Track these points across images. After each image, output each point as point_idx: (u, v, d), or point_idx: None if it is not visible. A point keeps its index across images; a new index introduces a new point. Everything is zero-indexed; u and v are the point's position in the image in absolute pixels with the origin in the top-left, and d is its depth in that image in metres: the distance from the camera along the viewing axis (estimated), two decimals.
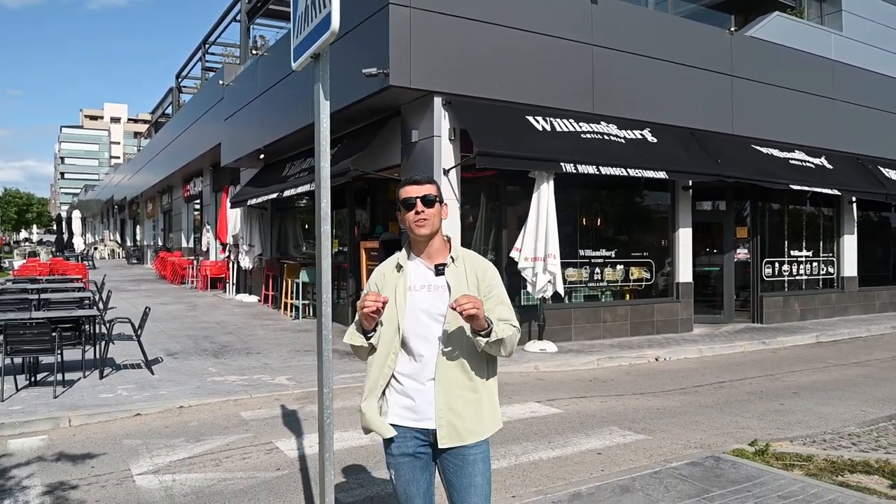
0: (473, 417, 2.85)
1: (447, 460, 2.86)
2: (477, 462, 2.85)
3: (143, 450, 6.06)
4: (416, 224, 2.88)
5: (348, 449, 5.99)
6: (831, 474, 5.13)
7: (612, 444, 6.11)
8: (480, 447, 2.86)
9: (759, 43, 14.65)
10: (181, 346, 11.36)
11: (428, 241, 2.92)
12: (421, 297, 2.88)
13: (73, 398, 7.70)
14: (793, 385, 9.04)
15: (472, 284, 2.88)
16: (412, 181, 2.94)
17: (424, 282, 2.90)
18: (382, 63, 10.12)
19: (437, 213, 2.92)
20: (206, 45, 24.90)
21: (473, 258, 2.99)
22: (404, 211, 2.92)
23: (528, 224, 10.68)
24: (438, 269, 2.90)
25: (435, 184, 2.98)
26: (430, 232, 2.89)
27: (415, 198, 2.88)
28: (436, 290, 2.89)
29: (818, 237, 16.47)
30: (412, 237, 2.94)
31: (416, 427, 2.85)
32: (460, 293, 2.78)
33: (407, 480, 2.89)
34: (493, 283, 2.93)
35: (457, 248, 2.98)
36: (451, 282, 2.87)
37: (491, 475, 2.92)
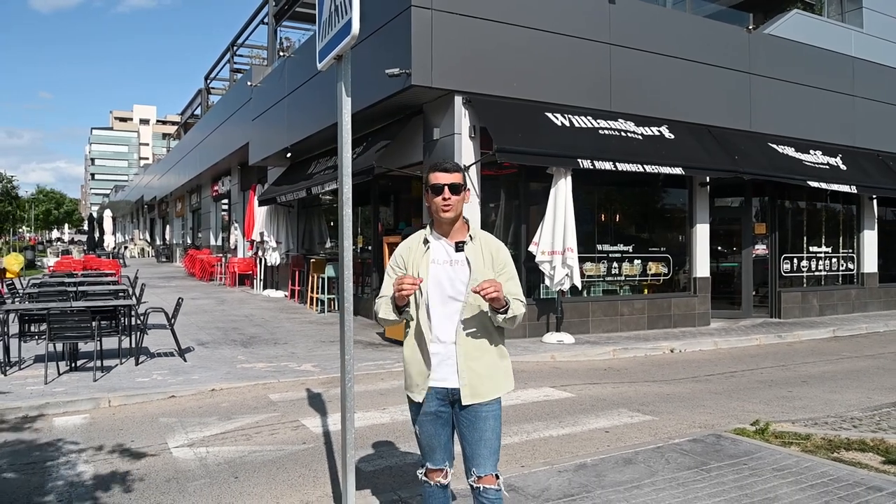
0: (490, 377, 3.19)
1: (462, 416, 3.20)
2: (488, 419, 3.19)
3: (179, 427, 6.48)
4: (442, 209, 3.21)
5: (369, 426, 6.36)
6: (827, 451, 5.39)
7: (620, 424, 6.42)
8: (493, 405, 3.19)
9: (777, 40, 14.80)
10: (211, 336, 11.82)
11: (451, 223, 3.26)
12: (443, 270, 3.22)
13: (112, 382, 8.15)
14: (803, 375, 9.26)
15: (488, 261, 3.24)
16: (442, 168, 3.25)
17: (446, 257, 3.24)
18: (405, 63, 10.49)
19: (462, 200, 3.26)
20: (234, 47, 25.49)
21: (489, 239, 3.34)
22: (431, 195, 3.24)
23: (546, 219, 10.99)
24: (458, 246, 3.23)
25: (462, 172, 3.31)
26: (454, 216, 3.23)
27: (443, 185, 3.20)
28: (456, 264, 3.23)
29: (837, 233, 16.57)
30: (436, 218, 3.28)
31: (437, 387, 3.19)
32: (478, 268, 3.19)
33: (429, 435, 3.24)
34: (506, 261, 3.29)
35: (475, 229, 3.34)
36: (470, 258, 3.22)
37: (500, 432, 3.25)
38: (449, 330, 3.20)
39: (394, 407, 7.05)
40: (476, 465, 3.17)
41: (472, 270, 3.20)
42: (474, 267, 3.19)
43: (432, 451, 3.27)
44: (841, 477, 4.77)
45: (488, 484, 3.15)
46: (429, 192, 3.27)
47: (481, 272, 3.19)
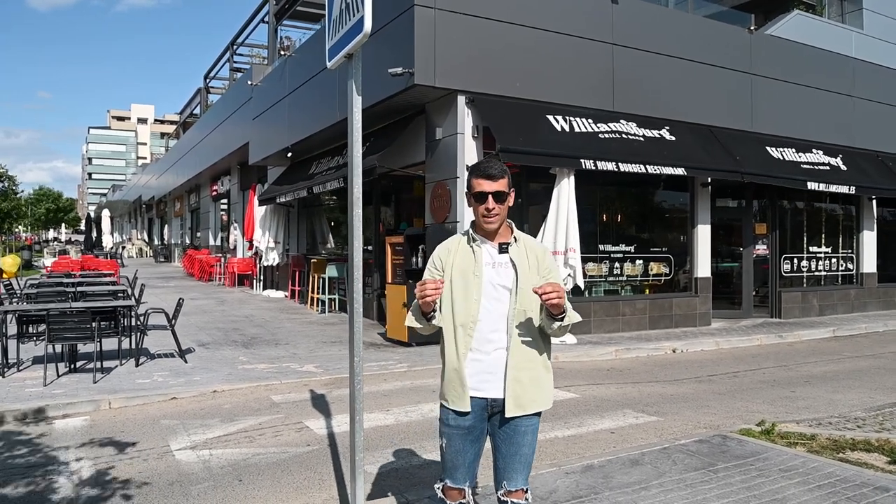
0: (536, 388, 3.01)
1: (500, 429, 3.04)
2: (527, 433, 3.03)
3: (181, 429, 6.44)
4: (485, 219, 3.00)
5: (373, 428, 6.33)
6: (833, 451, 5.37)
7: (625, 425, 6.41)
8: (533, 420, 3.03)
9: (778, 41, 14.79)
10: (211, 337, 11.79)
11: (496, 231, 3.07)
12: (486, 273, 3.03)
13: (112, 383, 8.11)
14: (805, 375, 9.25)
15: (533, 265, 3.04)
16: (486, 174, 3.00)
17: (489, 259, 3.04)
18: (408, 63, 10.46)
19: (507, 207, 3.04)
20: (233, 46, 25.46)
21: (533, 242, 3.17)
22: (474, 202, 3.03)
23: (549, 219, 10.97)
24: (502, 248, 3.06)
25: (507, 176, 3.05)
26: (498, 226, 3.04)
27: (487, 193, 2.98)
28: (499, 266, 3.03)
29: (837, 233, 16.57)
30: (479, 224, 3.09)
31: (478, 397, 3.00)
32: (524, 271, 3.02)
33: (456, 451, 3.05)
34: (551, 267, 3.10)
35: (517, 232, 3.17)
36: (515, 260, 3.06)
37: (535, 448, 3.11)
38: (495, 337, 3.02)
39: (398, 408, 7.01)
40: (508, 479, 3.05)
41: (518, 273, 3.03)
42: (520, 270, 3.03)
43: (455, 468, 3.09)
44: (848, 477, 4.76)
45: (517, 499, 3.03)
46: (471, 198, 3.08)
47: (527, 276, 3.03)
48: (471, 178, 3.07)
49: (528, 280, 2.99)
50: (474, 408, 3.02)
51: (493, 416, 3.06)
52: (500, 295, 3.02)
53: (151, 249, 47.19)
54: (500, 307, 3.01)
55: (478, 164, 3.12)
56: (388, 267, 11.93)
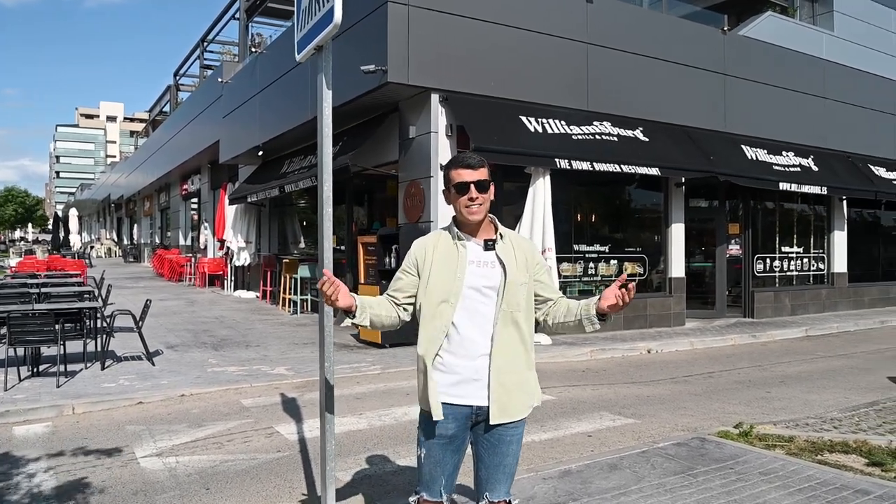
0: (522, 393, 2.87)
1: (484, 437, 2.88)
2: (512, 443, 2.88)
3: (147, 435, 6.23)
4: (468, 210, 2.85)
5: (346, 433, 6.17)
6: (811, 454, 5.33)
7: (603, 428, 6.32)
8: (518, 428, 2.89)
9: (751, 42, 14.86)
10: (180, 339, 11.53)
11: (480, 224, 2.92)
12: (471, 272, 2.87)
13: (76, 388, 7.86)
14: (780, 375, 9.25)
15: (522, 262, 2.90)
16: (465, 164, 2.89)
17: (474, 257, 2.89)
18: (380, 60, 10.31)
19: (489, 197, 2.90)
20: (204, 42, 25.06)
21: (520, 238, 3.03)
22: (455, 195, 2.88)
23: (524, 219, 10.88)
24: (488, 245, 2.91)
25: (487, 166, 2.92)
26: (482, 217, 2.88)
27: (468, 182, 2.85)
28: (485, 265, 2.87)
29: (809, 234, 16.71)
30: (462, 220, 2.94)
31: (461, 404, 2.84)
32: (513, 270, 2.87)
33: (435, 462, 2.89)
34: (541, 262, 2.99)
35: (502, 227, 3.01)
36: (502, 258, 2.90)
37: (519, 458, 2.98)
38: (479, 341, 2.85)
39: (371, 412, 6.86)
40: (490, 490, 2.92)
41: (506, 272, 2.88)
42: (508, 268, 2.87)
43: (433, 480, 2.92)
44: (827, 480, 4.70)
45: None
46: (451, 191, 2.92)
47: (515, 275, 2.88)
48: (449, 171, 2.94)
49: (516, 279, 2.86)
50: (458, 416, 2.85)
51: (476, 424, 2.89)
52: (485, 296, 2.86)
53: (121, 249, 46.43)
54: (485, 309, 2.85)
55: (455, 157, 2.99)
56: (360, 267, 11.76)
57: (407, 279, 2.99)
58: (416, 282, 2.98)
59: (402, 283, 3.00)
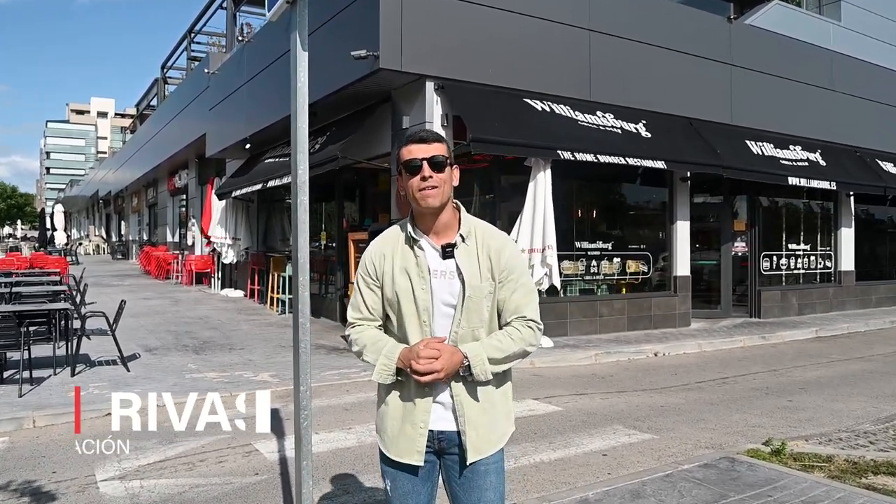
0: (489, 425, 2.44)
1: (455, 472, 2.44)
2: (489, 474, 2.43)
3: (112, 453, 5.60)
4: (422, 193, 2.35)
5: (333, 451, 5.57)
6: (854, 476, 4.75)
7: (618, 445, 5.71)
8: (494, 457, 2.45)
9: (757, 31, 14.30)
10: (161, 341, 10.89)
11: (437, 214, 2.41)
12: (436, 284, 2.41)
13: (41, 397, 7.23)
14: (798, 381, 8.69)
15: (486, 268, 2.40)
16: (417, 138, 2.41)
17: (434, 265, 2.42)
18: (372, 45, 9.69)
19: (449, 179, 2.41)
20: (191, 34, 24.35)
21: (488, 233, 2.48)
22: (407, 176, 2.40)
23: (525, 214, 10.26)
24: (446, 252, 2.41)
25: (445, 142, 2.44)
26: (440, 203, 2.38)
27: (420, 160, 2.36)
28: (443, 276, 2.40)
29: (816, 231, 16.16)
30: (417, 210, 2.43)
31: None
32: (473, 281, 2.37)
33: (405, 493, 2.46)
34: (510, 265, 2.43)
35: (468, 220, 2.48)
36: (462, 266, 2.39)
37: (504, 490, 2.50)
38: None
39: (360, 426, 6.25)
40: None
41: (465, 285, 2.36)
42: (468, 279, 2.36)
43: None
44: None
45: None
46: (402, 172, 2.41)
47: (477, 287, 2.37)
48: (400, 150, 2.43)
49: (478, 292, 2.37)
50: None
51: (443, 452, 2.44)
52: (443, 315, 2.41)
53: (109, 246, 45.62)
54: (442, 329, 2.41)
55: (406, 134, 2.47)
56: (351, 265, 11.16)
57: (374, 294, 2.51)
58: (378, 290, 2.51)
59: (372, 298, 2.52)
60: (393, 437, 2.47)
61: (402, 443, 2.44)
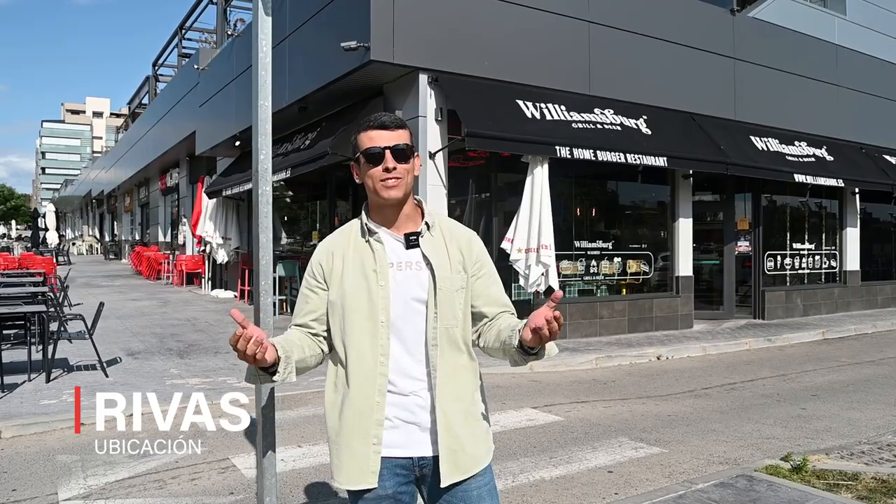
0: (476, 440, 2.14)
1: (439, 501, 2.10)
2: (483, 498, 2.11)
3: (78, 468, 5.20)
4: (383, 185, 2.11)
5: (316, 467, 5.14)
6: (885, 496, 4.35)
7: (624, 460, 5.29)
8: (485, 477, 2.14)
9: (762, 24, 13.92)
10: (145, 345, 10.47)
11: (398, 206, 2.15)
12: (393, 279, 2.13)
13: (11, 405, 6.81)
14: (809, 386, 8.29)
15: (456, 260, 2.17)
16: (378, 124, 2.14)
17: (394, 257, 2.14)
18: (363, 37, 9.28)
19: (412, 169, 2.16)
20: (182, 30, 23.89)
21: (453, 227, 2.25)
22: (366, 165, 2.13)
23: (521, 212, 9.85)
24: (410, 241, 2.15)
25: (408, 128, 2.20)
26: (402, 195, 2.14)
27: (382, 148, 2.10)
28: (408, 267, 2.13)
29: (820, 230, 15.78)
30: (376, 201, 2.17)
31: (397, 457, 2.10)
32: (444, 273, 2.10)
33: None
34: (482, 259, 2.25)
35: (430, 212, 2.23)
36: (429, 255, 2.12)
37: None
38: (413, 371, 2.11)
39: None
40: None
41: (435, 278, 2.09)
42: (438, 271, 2.09)
43: None
44: None
45: None
46: (361, 161, 2.13)
47: (448, 278, 2.10)
48: (357, 136, 2.18)
49: (449, 284, 2.13)
50: (396, 470, 2.09)
51: (423, 479, 2.13)
52: (414, 312, 2.12)
53: (102, 246, 45.10)
54: (414, 329, 2.12)
55: (366, 118, 2.16)
56: None
57: (316, 299, 2.23)
58: (325, 295, 2.22)
59: (312, 303, 2.23)
60: (339, 457, 2.13)
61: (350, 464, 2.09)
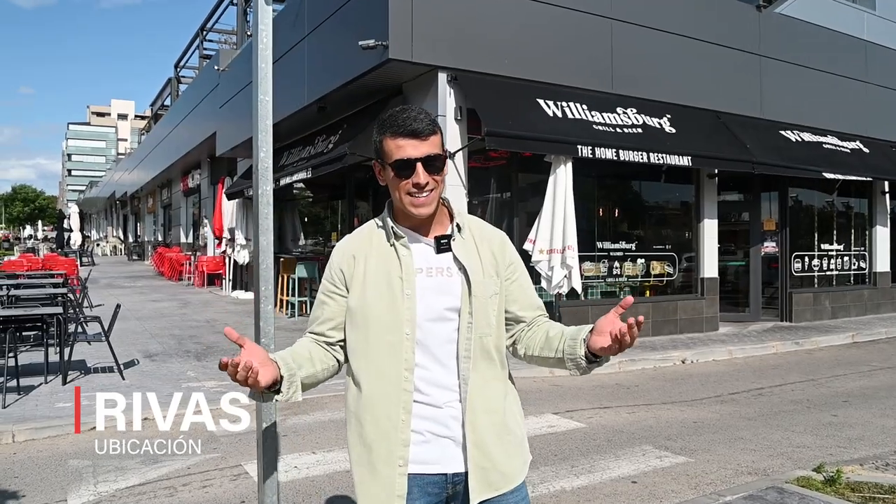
0: (506, 454, 1.99)
1: None
2: None
3: (89, 474, 5.11)
4: (412, 203, 1.93)
5: (330, 475, 5.02)
6: None
7: (649, 469, 5.10)
8: (519, 493, 2.02)
9: (788, 20, 13.58)
10: (163, 346, 10.43)
11: (430, 217, 2.00)
12: (422, 286, 1.96)
13: (26, 408, 6.77)
14: (840, 392, 8.03)
15: (489, 263, 2.01)
16: (409, 131, 1.91)
17: (423, 263, 1.98)
18: (381, 35, 9.16)
19: (443, 180, 1.99)
20: (203, 31, 23.97)
21: (483, 228, 2.08)
22: (394, 176, 1.94)
23: (544, 213, 9.65)
24: (441, 244, 1.97)
25: (440, 132, 1.99)
26: (434, 210, 1.98)
27: (414, 161, 1.90)
28: (439, 273, 1.97)
29: (849, 230, 15.39)
30: (402, 209, 1.99)
31: (428, 474, 1.94)
32: (478, 278, 1.94)
33: None
34: (515, 261, 2.10)
35: (460, 213, 2.06)
36: (462, 260, 1.96)
37: None
38: (444, 382, 1.95)
39: None
40: None
41: (471, 283, 1.92)
42: (473, 276, 1.92)
43: None
44: None
45: None
46: (388, 169, 1.95)
47: (482, 284, 1.94)
48: (383, 139, 1.95)
49: (483, 290, 1.96)
50: (427, 490, 1.93)
51: (454, 496, 1.97)
52: (445, 321, 1.96)
53: (125, 247, 45.49)
54: (444, 338, 1.96)
55: (392, 116, 1.93)
56: None
57: (335, 305, 2.06)
58: (344, 302, 2.06)
59: (330, 310, 2.07)
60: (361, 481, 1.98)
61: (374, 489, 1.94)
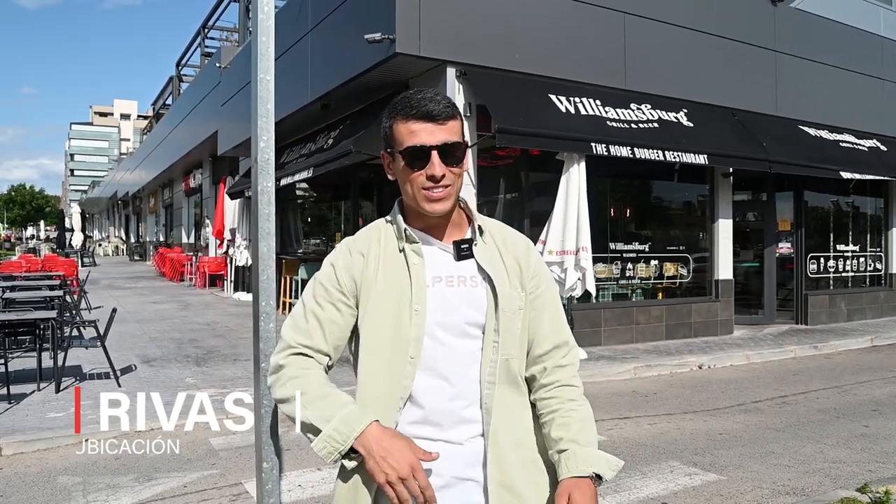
0: (538, 495, 1.68)
1: None
2: None
3: (79, 492, 4.80)
4: (426, 196, 1.66)
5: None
6: None
7: (678, 489, 4.75)
8: None
9: (803, 15, 13.23)
10: (162, 351, 10.11)
11: (447, 216, 1.72)
12: (438, 298, 1.65)
13: (15, 419, 6.44)
14: (867, 400, 7.69)
15: (514, 273, 1.71)
16: (422, 113, 1.63)
17: (440, 271, 1.68)
18: (388, 28, 8.84)
19: (462, 173, 1.70)
20: (205, 29, 23.68)
21: (505, 232, 1.80)
22: (406, 169, 1.68)
23: (556, 213, 9.30)
24: (462, 250, 1.67)
25: (460, 117, 1.70)
26: (451, 207, 1.69)
27: (430, 148, 1.62)
28: (461, 283, 1.67)
29: (865, 230, 15.05)
30: (416, 207, 1.70)
31: None
32: (503, 289, 1.66)
33: None
34: (541, 272, 1.78)
35: (478, 215, 1.76)
36: (487, 268, 1.66)
37: None
38: (467, 413, 1.64)
39: None
40: None
41: (497, 295, 1.61)
42: (499, 285, 1.63)
43: None
44: None
45: None
46: (397, 158, 1.68)
47: (507, 296, 1.64)
48: (393, 123, 1.70)
49: (509, 303, 1.67)
50: None
51: None
52: (466, 338, 1.66)
53: (127, 247, 45.22)
54: (465, 361, 1.65)
55: (404, 98, 1.67)
56: None
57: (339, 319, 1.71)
58: (351, 318, 1.71)
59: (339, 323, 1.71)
60: None
61: None
